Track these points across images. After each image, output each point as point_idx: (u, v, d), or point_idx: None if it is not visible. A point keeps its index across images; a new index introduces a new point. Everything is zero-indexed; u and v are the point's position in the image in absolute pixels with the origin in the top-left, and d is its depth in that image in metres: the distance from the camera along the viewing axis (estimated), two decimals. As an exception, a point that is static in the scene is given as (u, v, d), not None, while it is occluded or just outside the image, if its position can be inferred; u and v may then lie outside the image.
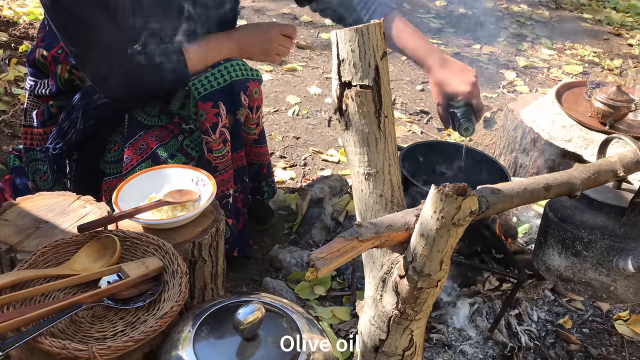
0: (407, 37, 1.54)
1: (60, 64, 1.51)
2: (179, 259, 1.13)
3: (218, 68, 1.49)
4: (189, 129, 1.52)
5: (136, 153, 1.50)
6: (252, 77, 1.54)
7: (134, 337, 0.96)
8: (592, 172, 1.12)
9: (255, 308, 0.97)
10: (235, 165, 1.60)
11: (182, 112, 1.52)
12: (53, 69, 1.53)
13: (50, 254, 1.13)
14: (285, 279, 1.70)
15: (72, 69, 1.51)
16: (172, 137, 1.52)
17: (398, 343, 0.98)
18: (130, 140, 1.50)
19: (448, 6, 4.31)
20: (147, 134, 1.51)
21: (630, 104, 1.93)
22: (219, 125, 1.47)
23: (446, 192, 0.77)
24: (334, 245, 0.82)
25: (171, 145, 1.52)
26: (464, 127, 1.48)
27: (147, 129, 1.51)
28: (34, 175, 1.62)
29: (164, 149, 1.51)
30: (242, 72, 1.52)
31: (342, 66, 0.92)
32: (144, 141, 1.51)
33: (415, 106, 2.90)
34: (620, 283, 1.21)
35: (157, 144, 1.50)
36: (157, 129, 1.52)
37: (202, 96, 1.46)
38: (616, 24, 4.19)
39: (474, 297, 1.62)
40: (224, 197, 1.55)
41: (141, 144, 1.50)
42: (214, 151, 1.49)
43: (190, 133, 1.52)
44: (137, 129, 1.50)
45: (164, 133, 1.52)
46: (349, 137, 0.97)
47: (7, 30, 2.98)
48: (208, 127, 1.46)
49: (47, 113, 1.58)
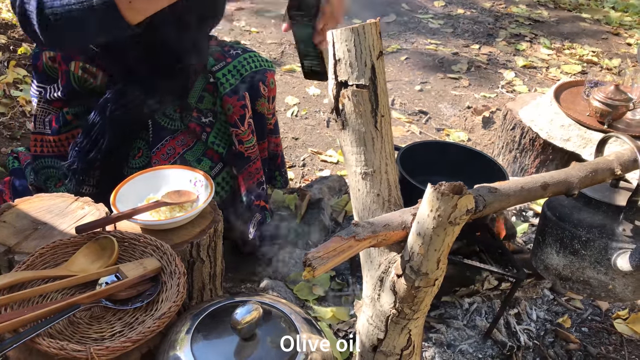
0: None
1: (72, 60, 1.49)
2: (176, 259, 1.13)
3: (238, 60, 1.52)
4: (208, 122, 1.53)
5: (164, 158, 1.51)
6: (269, 67, 1.59)
7: (132, 338, 0.97)
8: (589, 171, 1.12)
9: (253, 308, 0.97)
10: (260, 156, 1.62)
11: (200, 105, 1.53)
12: (65, 68, 1.50)
13: (48, 255, 1.13)
14: (283, 279, 1.70)
15: (85, 65, 1.49)
16: (196, 141, 1.53)
17: (396, 342, 0.98)
18: (157, 146, 1.51)
19: (447, 6, 4.31)
20: (173, 139, 1.52)
21: (629, 103, 1.93)
22: (247, 116, 1.50)
23: (442, 190, 0.78)
24: (331, 245, 0.82)
25: (197, 149, 1.53)
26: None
27: (171, 133, 1.52)
28: (46, 182, 1.61)
29: (190, 154, 1.53)
30: (259, 63, 1.56)
31: (339, 66, 0.92)
32: (170, 146, 1.52)
33: (413, 106, 2.90)
34: (619, 281, 1.21)
35: (183, 148, 1.52)
36: (181, 133, 1.53)
37: (228, 91, 1.48)
38: (615, 24, 4.19)
39: (473, 297, 1.62)
40: (260, 185, 1.57)
41: (168, 149, 1.51)
42: (244, 142, 1.51)
43: (211, 127, 1.53)
44: (163, 135, 1.51)
45: (187, 138, 1.53)
46: (346, 137, 0.97)
47: (6, 33, 2.98)
48: (237, 120, 1.49)
49: (62, 120, 1.56)
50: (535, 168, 2.17)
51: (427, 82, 3.16)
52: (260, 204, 1.59)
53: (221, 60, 1.53)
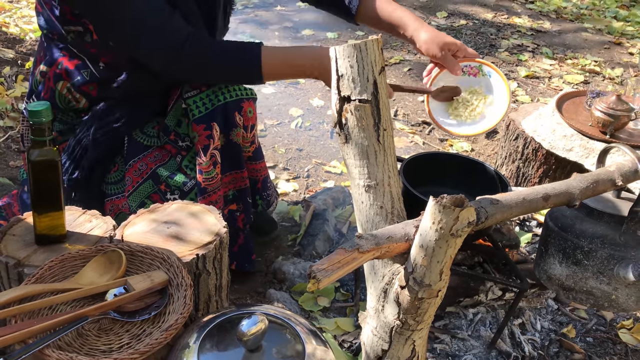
0: (391, 8, 1.57)
1: (62, 80, 1.52)
2: (183, 271, 1.14)
3: (213, 89, 1.51)
4: (185, 146, 1.55)
5: (136, 174, 1.53)
6: (247, 96, 1.56)
7: (140, 350, 0.98)
8: (590, 182, 1.13)
9: (259, 319, 0.99)
10: (237, 185, 1.62)
11: (179, 129, 1.55)
12: (52, 85, 1.53)
13: (57, 268, 1.15)
14: (289, 290, 1.71)
15: (71, 88, 1.52)
16: (170, 158, 1.55)
17: (400, 353, 0.99)
18: (129, 162, 1.53)
19: (449, 17, 4.34)
20: (146, 156, 1.54)
21: (631, 113, 1.94)
22: (210, 147, 1.49)
23: (444, 203, 0.79)
24: (335, 257, 0.84)
25: (171, 165, 1.55)
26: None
27: (145, 149, 1.54)
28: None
29: (163, 169, 1.54)
30: (236, 93, 1.54)
31: (341, 81, 0.94)
32: (143, 162, 1.54)
33: (417, 117, 2.92)
34: (622, 292, 1.21)
35: (156, 164, 1.54)
36: (156, 149, 1.55)
37: (196, 118, 1.48)
38: (617, 33, 4.20)
39: (477, 307, 1.62)
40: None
41: (140, 165, 1.53)
42: (203, 173, 1.50)
43: (187, 151, 1.55)
44: (137, 151, 1.53)
45: (162, 153, 1.55)
46: (349, 150, 0.99)
47: (13, 47, 3.03)
48: (200, 149, 1.49)
49: None
50: (538, 178, 2.18)
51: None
52: None
53: (196, 87, 1.52)
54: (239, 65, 1.45)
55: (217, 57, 1.44)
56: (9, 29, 3.28)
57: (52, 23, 1.48)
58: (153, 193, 1.54)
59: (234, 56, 1.44)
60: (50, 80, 1.54)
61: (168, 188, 1.54)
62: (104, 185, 1.58)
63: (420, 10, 4.39)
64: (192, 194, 1.55)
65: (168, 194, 1.54)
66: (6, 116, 2.47)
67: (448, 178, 1.65)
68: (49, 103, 1.12)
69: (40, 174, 1.15)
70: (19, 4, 3.75)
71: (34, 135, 1.12)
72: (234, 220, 1.64)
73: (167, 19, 1.40)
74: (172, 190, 1.54)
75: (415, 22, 1.55)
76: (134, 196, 1.54)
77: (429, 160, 1.68)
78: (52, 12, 1.46)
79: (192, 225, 1.31)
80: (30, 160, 1.13)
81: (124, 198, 1.55)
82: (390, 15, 1.57)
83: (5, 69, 2.78)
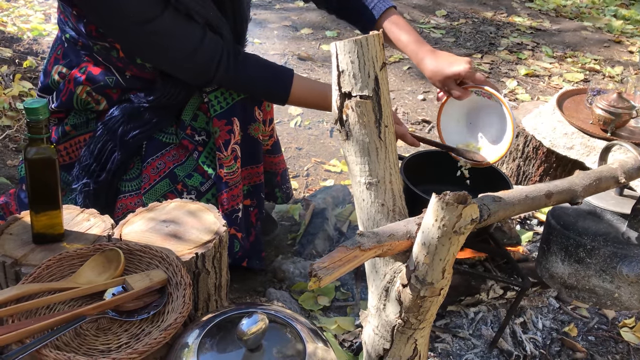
0: (401, 31, 1.59)
1: (81, 85, 1.51)
2: (182, 270, 1.13)
3: None
4: (201, 140, 1.54)
5: (154, 172, 1.52)
6: None
7: (138, 349, 0.97)
8: (593, 179, 1.12)
9: (259, 319, 0.98)
10: (252, 181, 1.63)
11: (194, 123, 1.54)
12: (72, 88, 1.52)
13: (54, 267, 1.13)
14: (289, 289, 1.70)
15: (92, 91, 1.51)
16: (188, 156, 1.55)
17: (402, 352, 0.98)
18: (147, 160, 1.52)
19: (448, 16, 4.34)
20: (164, 154, 1.53)
21: (632, 111, 1.93)
22: (231, 142, 1.50)
23: (447, 200, 0.78)
24: (336, 255, 0.83)
25: (188, 165, 1.54)
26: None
27: (164, 147, 1.53)
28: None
29: (181, 169, 1.54)
30: None
31: (342, 77, 0.93)
32: (161, 160, 1.53)
33: (417, 116, 2.91)
34: (624, 290, 1.20)
35: (174, 163, 1.53)
36: (174, 148, 1.54)
37: (218, 114, 1.50)
38: (616, 32, 4.20)
39: (478, 306, 1.62)
40: (234, 212, 1.57)
41: (158, 163, 1.52)
42: (225, 167, 1.51)
43: (204, 146, 1.55)
44: (155, 148, 1.53)
45: (180, 152, 1.54)
46: (350, 147, 0.98)
47: (11, 46, 3.02)
48: (221, 144, 1.50)
49: (61, 131, 1.57)
50: (539, 176, 2.17)
51: (430, 91, 3.17)
52: (230, 232, 1.58)
53: None
54: (268, 92, 1.54)
55: (247, 82, 1.51)
56: (6, 27, 3.27)
57: (78, 33, 1.48)
58: (169, 192, 1.53)
59: (264, 85, 1.52)
60: (70, 83, 1.52)
61: (185, 188, 1.54)
62: (121, 183, 1.56)
63: (420, 10, 4.38)
64: (209, 194, 1.55)
65: (184, 193, 1.54)
66: (4, 115, 2.46)
67: (449, 176, 1.64)
68: (45, 100, 1.11)
69: (38, 172, 1.14)
70: (17, 3, 3.73)
71: (30, 133, 1.11)
72: (247, 215, 1.64)
73: (198, 45, 1.41)
74: (188, 190, 1.54)
75: (420, 50, 1.55)
76: (149, 194, 1.53)
77: (429, 159, 1.68)
78: (77, 25, 1.46)
79: (191, 223, 1.30)
80: (27, 159, 1.12)
81: (138, 196, 1.54)
82: (397, 41, 1.59)
83: (3, 67, 2.77)
